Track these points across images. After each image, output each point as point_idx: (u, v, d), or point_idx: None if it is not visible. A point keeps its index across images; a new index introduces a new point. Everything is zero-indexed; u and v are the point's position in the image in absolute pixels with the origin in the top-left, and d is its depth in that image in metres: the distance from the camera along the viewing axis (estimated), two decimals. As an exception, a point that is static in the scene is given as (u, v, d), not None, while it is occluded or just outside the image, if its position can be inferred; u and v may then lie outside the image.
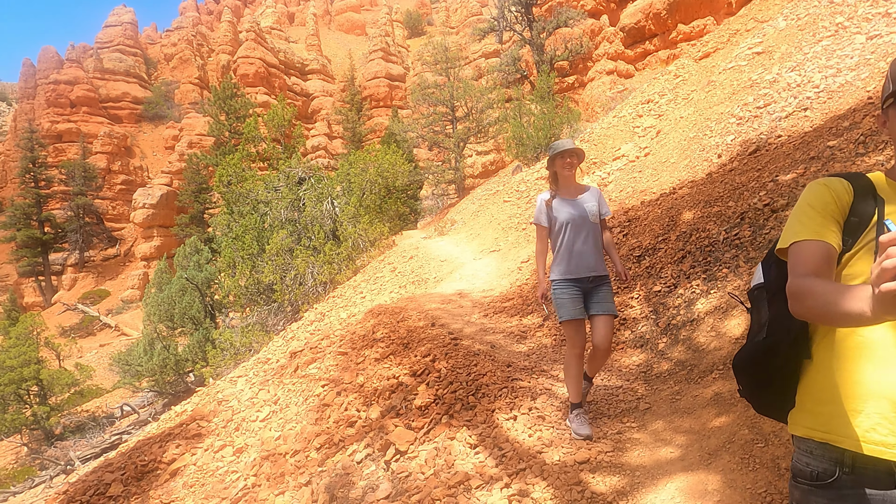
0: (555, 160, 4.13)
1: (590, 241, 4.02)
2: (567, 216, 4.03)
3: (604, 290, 4.06)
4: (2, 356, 23.47)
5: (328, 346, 7.48)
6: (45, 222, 53.50)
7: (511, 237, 12.49)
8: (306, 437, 5.43)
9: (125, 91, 69.78)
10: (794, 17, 11.00)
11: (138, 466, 6.36)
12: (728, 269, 5.43)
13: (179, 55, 74.41)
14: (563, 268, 4.04)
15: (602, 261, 4.07)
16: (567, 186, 4.16)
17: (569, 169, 4.07)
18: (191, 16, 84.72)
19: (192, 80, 70.51)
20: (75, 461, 18.31)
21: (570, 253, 4.02)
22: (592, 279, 4.02)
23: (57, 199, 55.95)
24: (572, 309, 3.97)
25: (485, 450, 4.06)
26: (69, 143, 60.35)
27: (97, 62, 69.73)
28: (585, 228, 4.01)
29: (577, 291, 4.01)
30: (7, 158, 70.92)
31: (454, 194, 33.37)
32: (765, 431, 3.37)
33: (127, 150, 63.08)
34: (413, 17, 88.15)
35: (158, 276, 27.29)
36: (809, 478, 1.46)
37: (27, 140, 54.69)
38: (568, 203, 4.07)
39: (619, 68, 30.24)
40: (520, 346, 6.37)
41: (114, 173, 59.47)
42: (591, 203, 4.07)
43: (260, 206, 16.32)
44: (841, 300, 1.21)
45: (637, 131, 13.00)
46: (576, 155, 4.09)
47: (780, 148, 7.06)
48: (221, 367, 14.65)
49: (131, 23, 77.49)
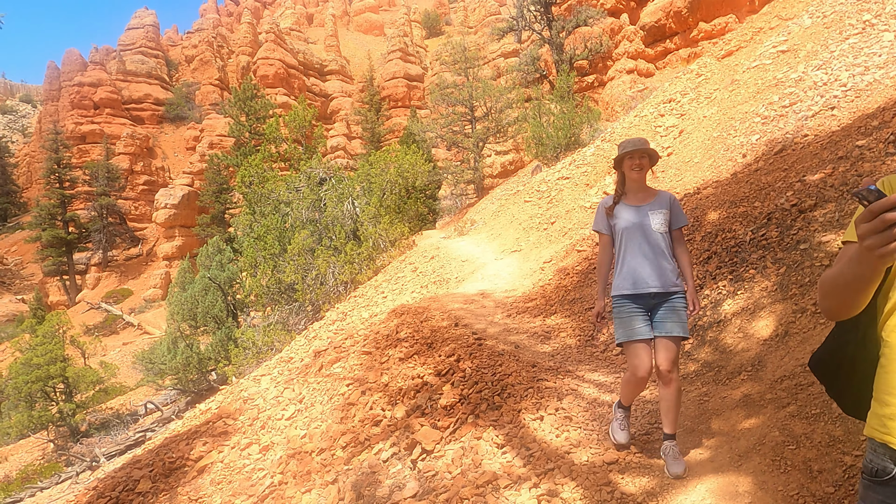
0: (622, 161, 3.68)
1: (650, 253, 3.54)
2: (626, 223, 3.61)
3: (668, 306, 3.52)
4: (29, 354, 23.90)
5: (352, 345, 7.53)
6: (70, 222, 54.41)
7: (532, 237, 12.48)
8: (332, 436, 5.48)
9: (147, 92, 70.76)
10: (820, 14, 10.86)
11: (166, 463, 6.45)
12: (755, 269, 5.39)
13: (200, 57, 75.23)
14: (620, 282, 3.61)
15: (668, 275, 3.52)
16: (634, 191, 3.69)
17: (638, 171, 3.61)
18: (211, 18, 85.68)
19: (213, 82, 71.28)
20: (100, 458, 18.60)
21: (626, 266, 3.60)
22: (654, 296, 3.52)
23: (81, 200, 56.92)
24: (628, 328, 3.52)
25: (512, 450, 4.08)
26: (93, 145, 61.37)
27: (120, 64, 70.76)
28: (645, 238, 3.55)
29: (639, 309, 3.53)
30: (32, 160, 72.34)
31: (473, 194, 33.38)
32: (796, 433, 3.35)
33: (149, 150, 63.93)
34: (431, 17, 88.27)
35: (182, 276, 27.64)
36: (870, 473, 1.51)
37: (52, 141, 55.67)
38: (631, 209, 3.63)
39: (640, 67, 30.03)
40: (544, 346, 6.37)
41: (136, 174, 60.33)
42: (657, 210, 3.59)
43: (281, 206, 16.45)
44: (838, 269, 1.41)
45: (659, 131, 12.91)
46: (647, 155, 3.64)
47: (806, 147, 6.99)
48: (244, 365, 14.79)
49: (153, 25, 78.56)
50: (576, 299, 7.39)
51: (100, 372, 26.10)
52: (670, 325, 3.47)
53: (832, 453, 3.12)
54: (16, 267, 60.21)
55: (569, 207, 12.48)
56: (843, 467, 3.00)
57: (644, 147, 3.59)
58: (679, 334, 3.45)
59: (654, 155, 3.66)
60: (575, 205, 12.32)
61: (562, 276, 8.42)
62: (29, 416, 22.83)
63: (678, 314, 3.48)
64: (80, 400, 24.85)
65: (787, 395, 3.75)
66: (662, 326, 3.48)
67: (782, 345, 4.42)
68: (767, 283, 5.13)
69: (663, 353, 3.44)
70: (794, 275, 4.97)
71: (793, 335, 4.44)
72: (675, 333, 3.44)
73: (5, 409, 24.33)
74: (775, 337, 4.55)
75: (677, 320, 3.47)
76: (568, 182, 14.13)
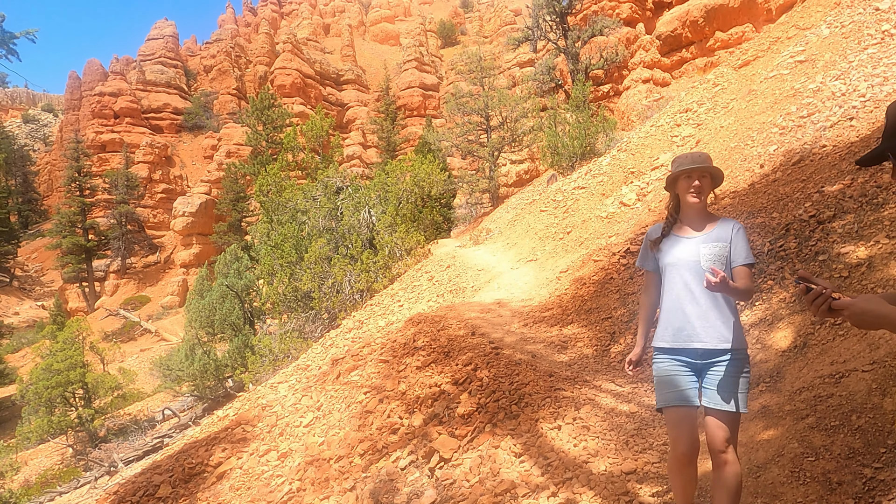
0: (677, 180, 2.93)
1: (699, 298, 2.77)
2: (672, 259, 2.88)
3: (721, 370, 2.72)
4: (49, 360, 24.21)
5: (369, 353, 7.59)
6: (90, 230, 55.12)
7: (548, 247, 12.49)
8: (350, 444, 5.53)
9: (166, 102, 71.69)
10: (838, 24, 10.83)
11: (186, 469, 6.54)
12: (773, 280, 5.39)
13: (218, 66, 76.13)
14: (660, 331, 2.92)
15: (723, 329, 2.73)
16: (690, 218, 2.93)
17: (696, 195, 2.85)
18: (229, 28, 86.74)
19: (231, 91, 72.10)
20: (118, 463, 18.79)
21: (667, 312, 2.87)
22: (703, 353, 2.75)
23: (100, 208, 57.72)
24: (665, 391, 2.83)
25: (530, 458, 4.11)
26: (112, 153, 62.24)
27: (140, 74, 71.78)
28: (695, 278, 2.78)
29: (684, 368, 2.81)
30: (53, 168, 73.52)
31: (488, 203, 33.41)
32: (815, 445, 3.35)
33: (167, 159, 64.69)
34: (447, 26, 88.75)
35: (199, 283, 27.88)
36: None
37: (73, 150, 56.53)
38: (682, 242, 2.89)
39: (656, 77, 29.99)
40: (561, 355, 6.39)
41: (155, 182, 61.07)
42: (712, 243, 2.80)
43: (298, 214, 16.60)
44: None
45: (675, 140, 12.90)
46: (708, 175, 2.88)
47: (825, 158, 6.97)
48: (260, 372, 14.91)
49: (172, 36, 79.63)
50: (592, 309, 7.41)
51: (118, 378, 26.37)
52: (721, 396, 2.69)
53: (852, 465, 3.12)
54: (36, 273, 61.11)
55: (585, 217, 12.48)
56: (863, 479, 3.00)
57: (705, 165, 2.83)
58: (730, 409, 2.66)
59: (717, 175, 2.92)
60: (591, 214, 12.33)
61: (578, 286, 8.43)
62: (48, 420, 23.10)
63: (733, 381, 2.70)
64: (98, 405, 25.11)
65: (805, 407, 3.74)
66: (712, 396, 2.72)
67: (801, 356, 4.42)
68: (785, 294, 5.13)
69: (713, 430, 2.69)
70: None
71: (811, 347, 4.44)
72: (725, 408, 2.66)
73: (25, 414, 24.60)
74: (794, 348, 4.55)
75: (731, 389, 2.69)
76: (584, 192, 14.15)
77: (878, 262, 4.64)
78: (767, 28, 16.97)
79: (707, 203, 2.92)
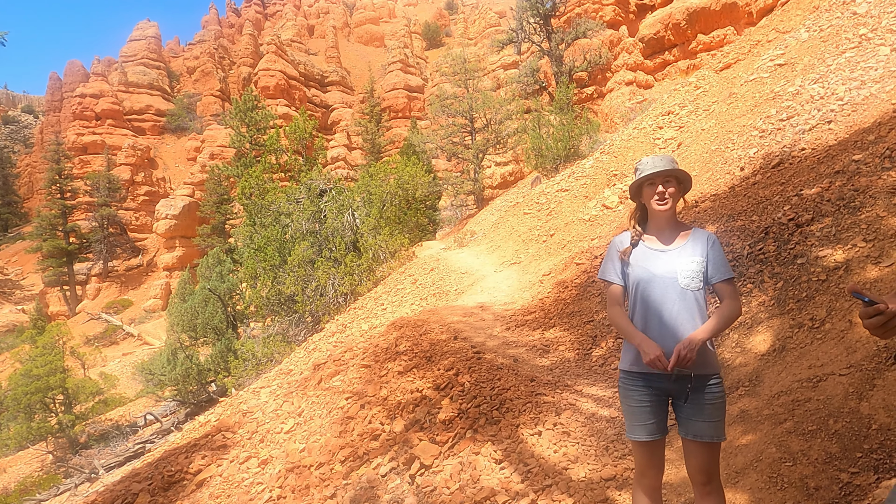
0: (641, 188, 2.71)
1: (676, 317, 2.54)
2: (643, 274, 2.62)
3: (698, 398, 2.53)
4: (28, 365, 23.88)
5: (351, 358, 7.54)
6: (71, 233, 54.49)
7: (532, 249, 12.51)
8: (331, 450, 5.48)
9: (149, 103, 71.10)
10: (817, 28, 10.94)
11: (165, 477, 6.45)
12: (752, 283, 5.41)
13: (201, 68, 75.66)
14: (631, 354, 2.65)
15: (702, 352, 2.51)
16: (659, 228, 2.69)
17: (663, 202, 2.62)
18: (213, 29, 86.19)
19: (214, 93, 71.68)
20: (99, 469, 18.56)
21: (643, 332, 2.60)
22: (677, 377, 2.53)
23: (82, 210, 57.06)
24: (640, 425, 2.61)
25: (510, 465, 4.09)
26: (94, 155, 61.61)
27: (122, 75, 71.13)
28: (670, 296, 2.55)
29: (656, 397, 2.61)
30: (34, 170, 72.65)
31: (473, 205, 33.46)
32: (793, 450, 3.36)
33: (150, 161, 64.11)
34: (431, 28, 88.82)
35: (182, 287, 27.65)
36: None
37: (53, 152, 55.88)
38: (652, 255, 2.65)
39: (639, 79, 30.20)
40: (542, 360, 6.38)
41: (137, 184, 60.49)
42: (689, 258, 2.58)
43: (282, 217, 16.50)
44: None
45: (658, 143, 12.97)
46: (673, 179, 2.64)
47: (803, 161, 7.03)
48: (243, 377, 14.79)
49: (155, 37, 79.06)
50: (574, 313, 7.41)
51: (99, 383, 26.08)
52: (700, 427, 2.51)
53: (829, 470, 3.13)
54: (16, 277, 60.27)
55: (568, 220, 12.51)
56: (840, 485, 3.01)
57: (670, 169, 2.61)
58: (710, 440, 2.50)
59: (683, 178, 2.68)
60: (574, 217, 12.36)
61: (560, 290, 8.44)
62: (28, 427, 22.78)
63: (712, 409, 2.52)
64: (79, 411, 24.80)
65: (784, 412, 3.76)
66: (690, 427, 2.54)
67: (779, 360, 4.44)
68: (765, 297, 5.15)
69: (694, 462, 2.54)
70: (792, 289, 4.99)
71: (790, 350, 4.46)
72: (705, 439, 2.50)
73: (4, 421, 24.27)
74: (773, 352, 4.57)
75: (711, 418, 2.51)
76: (567, 194, 14.18)
77: (854, 266, 4.67)
78: (748, 31, 17.12)
79: (677, 210, 2.71)
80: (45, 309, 50.72)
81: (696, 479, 2.55)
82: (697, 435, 2.50)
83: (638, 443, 2.62)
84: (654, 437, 2.59)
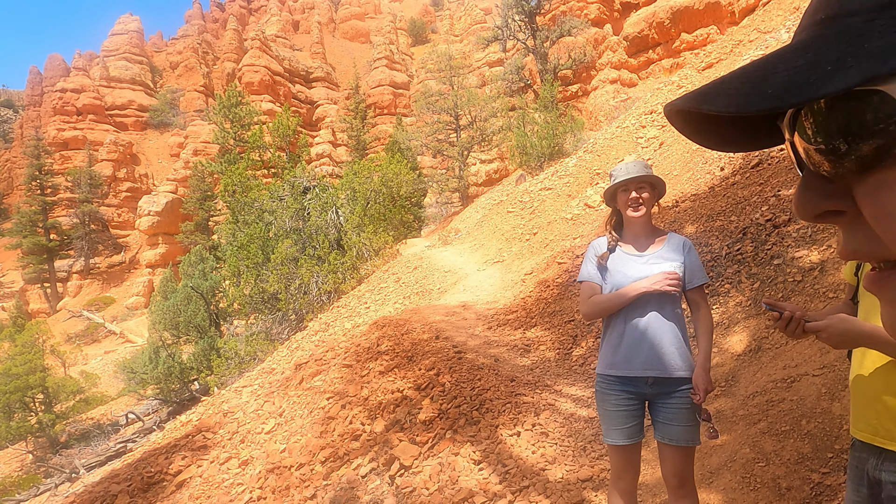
0: (615, 194, 2.74)
1: (654, 322, 2.59)
2: (622, 280, 2.65)
3: (674, 400, 2.57)
4: (7, 364, 23.58)
5: (333, 357, 7.53)
6: (51, 229, 53.77)
7: (514, 248, 12.54)
8: (311, 451, 5.47)
9: (131, 99, 70.23)
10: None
11: (144, 478, 6.41)
12: (730, 284, 5.47)
13: (185, 63, 74.90)
14: (609, 358, 2.68)
15: (677, 355, 2.58)
16: (635, 234, 2.73)
17: (636, 208, 2.66)
18: (196, 24, 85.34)
19: (198, 88, 71.00)
20: (80, 469, 18.36)
21: (619, 336, 2.65)
22: (654, 382, 2.58)
23: (63, 207, 56.27)
24: (616, 429, 2.64)
25: (489, 466, 4.10)
26: (75, 151, 60.73)
27: (103, 70, 70.19)
28: (648, 302, 2.61)
29: (632, 402, 2.63)
30: (13, 165, 71.48)
31: (458, 202, 33.46)
32: (766, 451, 3.40)
33: (132, 157, 63.39)
34: (417, 24, 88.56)
35: (164, 285, 27.41)
36: None
37: (33, 147, 55.07)
38: (630, 260, 2.69)
39: (623, 77, 30.34)
40: (523, 359, 6.40)
41: (119, 180, 59.76)
42: (666, 262, 2.64)
43: (265, 215, 16.40)
44: None
45: (640, 142, 13.05)
46: (647, 185, 2.66)
47: (782, 162, 7.10)
48: (226, 375, 14.71)
49: (137, 31, 78.04)
50: (556, 312, 7.44)
51: (80, 382, 25.80)
52: (675, 431, 2.54)
53: (800, 471, 3.17)
54: (-5, 274, 59.45)
55: (551, 218, 12.55)
56: (811, 485, 3.05)
57: (644, 175, 2.63)
58: (686, 444, 2.53)
59: (657, 183, 2.71)
60: (557, 216, 12.41)
61: (542, 289, 8.47)
62: (7, 426, 22.51)
63: (687, 413, 2.55)
64: (59, 410, 24.54)
65: (758, 412, 3.80)
66: (666, 431, 2.58)
67: (755, 360, 4.49)
68: (742, 297, 5.21)
69: (669, 466, 2.57)
70: (768, 290, 5.04)
71: (765, 350, 4.51)
72: (681, 443, 2.53)
73: (-17, 420, 23.96)
74: (748, 352, 4.62)
75: (686, 423, 2.54)
76: (550, 193, 14.23)
77: (829, 267, 4.73)
78: (731, 31, 17.27)
79: (651, 216, 2.74)
80: (25, 306, 50.06)
81: (670, 482, 2.58)
82: (673, 439, 2.54)
83: (614, 446, 2.65)
84: (629, 440, 2.62)
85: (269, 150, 19.78)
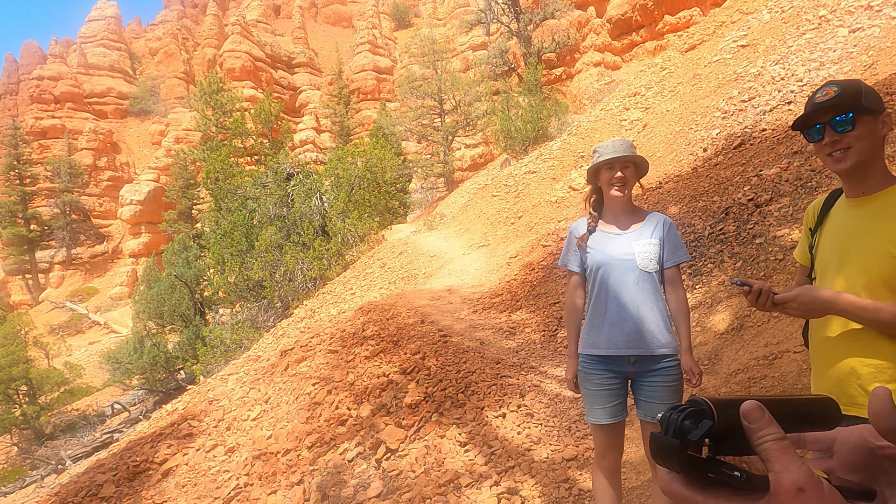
0: (599, 172, 2.71)
1: (636, 299, 2.59)
2: (601, 258, 2.65)
3: (655, 379, 2.58)
4: (-10, 356, 23.34)
5: (318, 343, 7.50)
6: (31, 220, 53.05)
7: (500, 232, 12.54)
8: (297, 436, 5.46)
9: (110, 86, 69.13)
10: (779, 9, 11.07)
11: (130, 467, 6.37)
12: (713, 263, 5.50)
13: (164, 49, 73.79)
14: (591, 338, 2.67)
15: (658, 332, 2.57)
16: (615, 213, 2.73)
17: (619, 187, 2.64)
18: (175, 9, 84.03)
19: (178, 75, 70.08)
20: (66, 460, 18.26)
21: (601, 315, 2.64)
22: (635, 360, 2.58)
23: (42, 197, 55.44)
24: (599, 409, 2.64)
25: (474, 448, 4.12)
26: (54, 140, 59.76)
27: (81, 57, 68.97)
28: (629, 278, 2.59)
29: (615, 381, 2.63)
30: (-9, 155, 70.22)
31: (443, 187, 33.39)
32: (748, 427, 3.43)
33: (113, 145, 62.54)
34: (400, 8, 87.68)
35: (147, 274, 27.17)
36: None
37: (11, 137, 54.13)
38: (610, 238, 2.68)
39: (607, 60, 30.29)
40: (509, 342, 6.42)
41: (100, 169, 58.96)
42: (646, 240, 2.63)
43: (248, 202, 16.27)
44: None
45: (624, 124, 13.05)
46: (631, 164, 2.66)
47: (763, 142, 7.14)
48: (212, 364, 14.64)
49: (115, 17, 76.70)
50: (540, 294, 7.46)
51: (64, 373, 25.59)
52: (658, 409, 2.43)
53: (781, 445, 3.20)
54: (-25, 266, 58.61)
55: (535, 202, 12.56)
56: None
57: (627, 154, 2.62)
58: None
59: (641, 163, 2.70)
60: (541, 199, 12.41)
61: (527, 272, 8.49)
62: (-9, 419, 22.33)
63: (670, 390, 2.56)
64: (44, 402, 24.34)
65: (741, 389, 3.84)
66: (648, 409, 2.59)
67: (737, 338, 4.53)
68: (724, 276, 5.24)
69: None
70: (750, 269, 5.08)
71: (748, 328, 4.55)
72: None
73: (-34, 414, 23.71)
74: (731, 330, 4.66)
75: (667, 400, 2.55)
76: (535, 176, 14.22)
77: (810, 245, 4.76)
78: (713, 12, 17.26)
79: (633, 196, 2.75)
80: (6, 298, 49.45)
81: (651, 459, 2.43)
82: (656, 417, 2.46)
83: (597, 425, 2.65)
84: (613, 419, 2.62)
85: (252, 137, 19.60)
